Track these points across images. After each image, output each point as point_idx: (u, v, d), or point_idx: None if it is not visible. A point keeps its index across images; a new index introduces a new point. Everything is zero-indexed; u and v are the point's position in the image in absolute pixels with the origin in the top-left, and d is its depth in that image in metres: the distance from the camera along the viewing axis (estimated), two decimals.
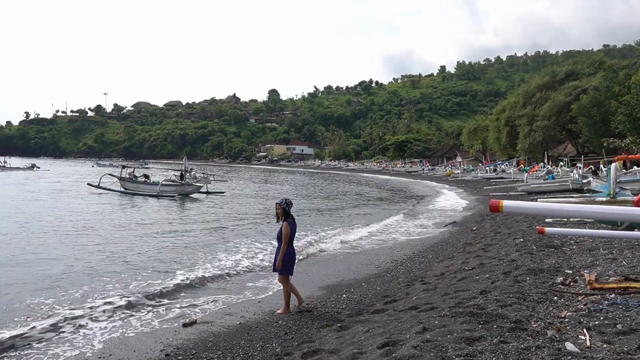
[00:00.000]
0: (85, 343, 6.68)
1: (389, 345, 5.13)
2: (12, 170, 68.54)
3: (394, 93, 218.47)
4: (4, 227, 17.01)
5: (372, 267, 11.66)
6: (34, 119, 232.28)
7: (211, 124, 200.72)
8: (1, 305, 8.22)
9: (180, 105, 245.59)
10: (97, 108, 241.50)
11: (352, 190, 45.35)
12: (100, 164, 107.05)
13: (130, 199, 30.50)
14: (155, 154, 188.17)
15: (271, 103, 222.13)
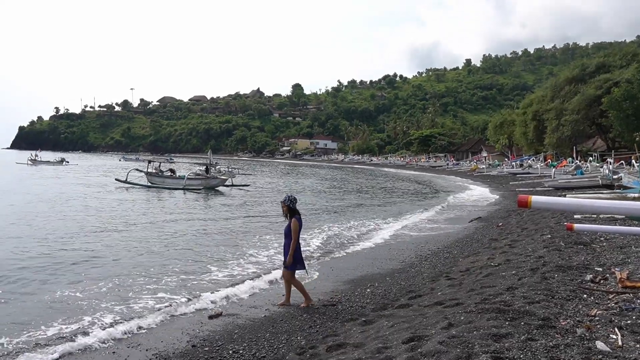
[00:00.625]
0: (113, 332, 6.82)
1: (414, 340, 5.11)
2: (43, 164, 70.32)
3: (418, 87, 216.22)
4: (40, 224, 17.37)
5: (396, 262, 11.62)
6: (63, 114, 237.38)
7: (235, 119, 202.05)
8: (36, 296, 8.47)
9: (205, 99, 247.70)
10: (124, 103, 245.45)
11: (376, 185, 45.16)
12: (126, 158, 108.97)
13: (157, 192, 31.00)
14: (180, 148, 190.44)
15: (295, 97, 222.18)
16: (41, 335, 6.62)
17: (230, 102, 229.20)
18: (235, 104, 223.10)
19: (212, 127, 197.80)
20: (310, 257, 12.17)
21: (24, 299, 8.32)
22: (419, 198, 31.90)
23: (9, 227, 15.95)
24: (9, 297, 8.34)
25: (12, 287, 8.95)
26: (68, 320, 7.17)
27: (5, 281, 9.32)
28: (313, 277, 9.87)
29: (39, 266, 10.57)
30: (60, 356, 5.98)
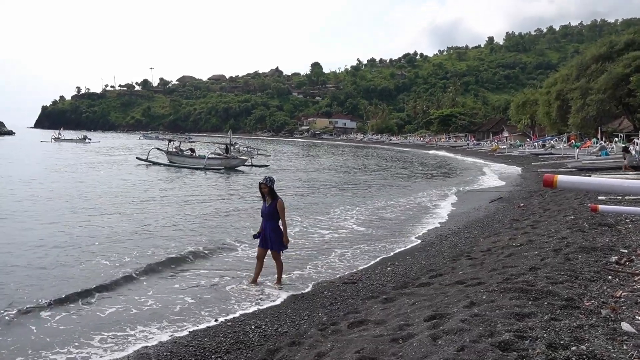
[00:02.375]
0: (139, 300, 6.99)
1: (436, 318, 5.13)
2: (66, 142, 71.53)
3: (439, 66, 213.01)
4: (69, 200, 17.80)
5: (417, 240, 11.63)
6: (85, 93, 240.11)
7: (254, 98, 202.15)
8: (79, 258, 8.72)
9: (224, 79, 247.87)
10: (143, 82, 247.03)
11: (395, 165, 44.94)
12: (147, 136, 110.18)
13: (178, 171, 31.33)
14: (199, 127, 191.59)
15: (314, 76, 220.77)
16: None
17: (249, 81, 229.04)
18: (254, 83, 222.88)
19: (231, 106, 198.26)
20: (324, 237, 12.28)
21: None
22: (438, 178, 31.67)
23: (55, 204, 16.47)
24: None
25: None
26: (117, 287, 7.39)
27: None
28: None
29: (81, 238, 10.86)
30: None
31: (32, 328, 6.15)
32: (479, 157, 55.54)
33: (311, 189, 23.90)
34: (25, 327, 6.18)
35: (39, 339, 5.82)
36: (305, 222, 14.57)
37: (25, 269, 8.57)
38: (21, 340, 5.77)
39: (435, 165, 45.61)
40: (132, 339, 5.90)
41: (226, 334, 5.84)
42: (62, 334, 5.97)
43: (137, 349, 5.60)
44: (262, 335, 5.78)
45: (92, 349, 5.65)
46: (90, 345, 5.73)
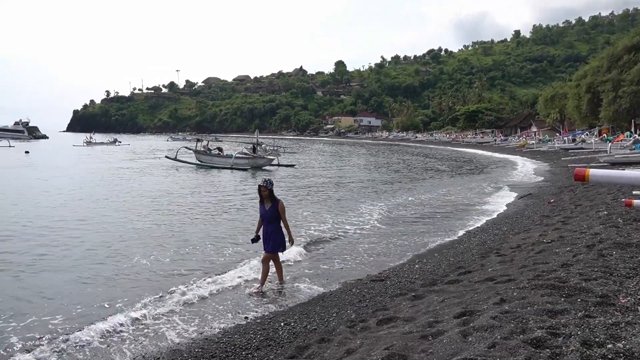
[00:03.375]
0: (176, 303, 7.14)
1: (466, 315, 5.08)
2: (98, 145, 73.19)
3: (464, 61, 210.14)
4: (106, 202, 18.22)
5: (444, 237, 11.54)
6: (114, 97, 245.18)
7: (279, 97, 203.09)
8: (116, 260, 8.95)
9: (249, 79, 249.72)
10: (170, 85, 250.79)
11: (423, 162, 44.57)
12: (174, 138, 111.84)
13: (206, 171, 31.74)
14: (225, 127, 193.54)
15: (338, 75, 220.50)
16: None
17: (274, 81, 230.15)
18: (279, 82, 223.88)
19: (256, 107, 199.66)
20: (353, 234, 12.30)
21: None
22: (465, 174, 31.28)
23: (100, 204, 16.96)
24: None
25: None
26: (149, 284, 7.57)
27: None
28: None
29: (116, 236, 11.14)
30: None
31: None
32: (506, 153, 54.67)
33: (339, 186, 24.01)
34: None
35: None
36: (333, 218, 14.69)
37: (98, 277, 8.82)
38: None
39: (462, 161, 45.06)
40: (164, 335, 6.02)
41: (256, 331, 5.91)
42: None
43: (170, 345, 5.71)
44: (291, 333, 5.83)
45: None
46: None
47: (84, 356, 5.51)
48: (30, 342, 5.82)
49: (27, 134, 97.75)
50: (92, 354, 5.55)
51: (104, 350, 5.63)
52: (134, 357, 5.38)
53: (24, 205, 16.77)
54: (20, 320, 6.44)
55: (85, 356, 5.51)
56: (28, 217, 14.21)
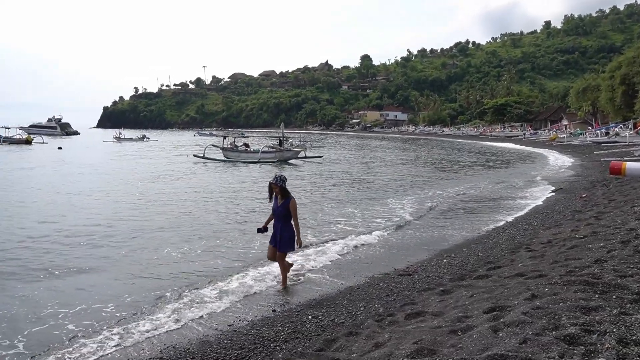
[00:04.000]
0: (205, 295, 7.25)
1: (496, 310, 5.01)
2: (127, 142, 74.58)
3: (492, 53, 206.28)
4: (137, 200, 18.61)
5: (472, 232, 11.40)
6: (142, 93, 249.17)
7: (304, 92, 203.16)
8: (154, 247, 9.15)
9: (274, 74, 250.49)
10: (197, 81, 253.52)
11: (450, 156, 44.06)
12: (201, 133, 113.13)
13: (234, 166, 32.05)
14: (251, 123, 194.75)
15: (363, 69, 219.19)
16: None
17: (299, 75, 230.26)
18: (304, 77, 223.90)
19: (282, 102, 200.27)
20: (379, 228, 12.26)
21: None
22: (494, 167, 30.79)
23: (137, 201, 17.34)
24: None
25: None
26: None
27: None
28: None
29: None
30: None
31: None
32: (536, 147, 53.60)
33: (366, 180, 23.99)
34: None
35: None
36: (360, 212, 14.76)
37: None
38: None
39: (490, 155, 44.35)
40: (193, 327, 6.12)
41: (284, 324, 5.95)
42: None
43: (199, 336, 5.79)
44: (319, 326, 5.85)
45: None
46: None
47: (118, 344, 5.64)
48: (85, 329, 6.07)
49: (60, 130, 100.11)
50: (124, 343, 5.68)
51: (134, 341, 5.75)
52: (164, 348, 5.48)
53: (69, 201, 17.26)
54: (72, 309, 6.70)
55: (119, 345, 5.64)
56: (79, 212, 14.65)
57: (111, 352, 5.45)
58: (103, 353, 5.43)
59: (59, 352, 5.47)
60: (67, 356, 5.39)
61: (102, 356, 5.36)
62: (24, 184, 21.54)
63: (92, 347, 5.56)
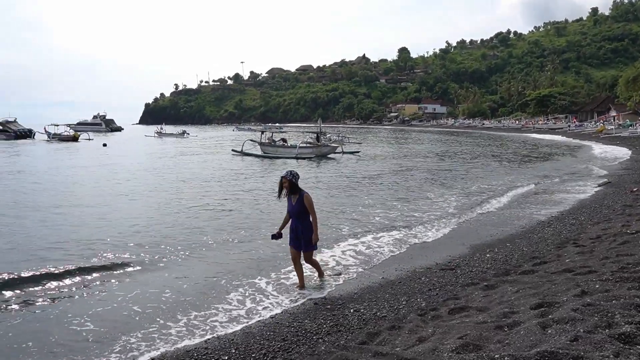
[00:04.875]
0: (247, 286, 7.36)
1: (544, 306, 4.88)
2: (168, 137, 76.36)
3: (535, 43, 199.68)
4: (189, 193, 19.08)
5: (516, 227, 11.12)
6: (182, 89, 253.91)
7: (342, 86, 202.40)
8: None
9: (312, 69, 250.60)
10: (235, 76, 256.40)
11: (492, 149, 43.10)
12: (239, 128, 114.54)
13: (271, 161, 32.31)
14: (289, 117, 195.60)
15: (401, 62, 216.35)
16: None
17: (336, 70, 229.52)
18: (342, 71, 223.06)
19: (319, 96, 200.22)
20: (420, 222, 12.13)
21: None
22: (537, 161, 29.92)
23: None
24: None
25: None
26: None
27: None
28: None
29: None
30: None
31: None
32: (582, 139, 51.82)
33: (405, 174, 23.81)
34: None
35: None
36: (400, 205, 14.73)
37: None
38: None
39: (533, 147, 43.10)
40: (236, 317, 6.22)
41: (325, 317, 5.97)
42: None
43: (242, 327, 5.88)
44: (361, 319, 5.84)
45: (202, 323, 6.01)
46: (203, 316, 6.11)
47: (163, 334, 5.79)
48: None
49: (105, 126, 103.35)
50: (168, 332, 5.83)
51: (177, 330, 5.88)
52: (208, 339, 5.59)
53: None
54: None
55: (171, 332, 5.79)
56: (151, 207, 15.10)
57: (158, 342, 5.58)
58: (151, 337, 5.58)
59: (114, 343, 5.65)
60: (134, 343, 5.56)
61: (150, 345, 5.50)
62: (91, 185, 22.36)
63: (140, 336, 5.73)
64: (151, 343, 5.52)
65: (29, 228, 11.72)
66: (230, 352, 5.14)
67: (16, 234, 11.06)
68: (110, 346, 5.46)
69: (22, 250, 9.64)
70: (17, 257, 9.03)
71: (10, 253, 9.44)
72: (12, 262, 8.65)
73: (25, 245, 10.04)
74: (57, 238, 10.58)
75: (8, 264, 8.47)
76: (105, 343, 5.54)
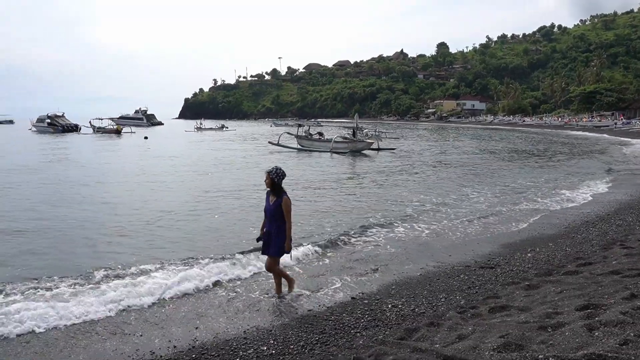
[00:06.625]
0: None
1: (590, 308, 4.75)
2: (207, 131, 77.67)
3: (580, 37, 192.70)
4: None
5: (559, 227, 10.80)
6: (220, 85, 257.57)
7: (379, 82, 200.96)
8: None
9: (349, 64, 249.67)
10: (272, 72, 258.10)
11: (533, 146, 41.96)
12: (276, 123, 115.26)
13: (307, 155, 32.44)
14: (325, 113, 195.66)
15: (440, 57, 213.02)
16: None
17: (374, 65, 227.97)
18: (379, 67, 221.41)
19: (356, 92, 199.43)
20: (457, 218, 11.96)
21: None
22: (582, 158, 28.94)
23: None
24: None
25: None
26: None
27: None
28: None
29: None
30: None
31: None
32: (630, 137, 49.83)
33: (441, 170, 23.50)
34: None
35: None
36: (435, 200, 14.66)
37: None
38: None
39: (577, 145, 41.71)
40: (273, 310, 6.29)
41: (363, 312, 5.97)
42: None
43: (280, 319, 5.94)
44: (399, 315, 5.81)
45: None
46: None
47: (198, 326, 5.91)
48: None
49: (146, 121, 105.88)
50: (203, 325, 5.94)
51: (214, 322, 6.00)
52: (247, 329, 5.66)
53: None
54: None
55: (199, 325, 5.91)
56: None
57: (196, 332, 5.70)
58: (193, 325, 5.71)
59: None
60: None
61: (190, 333, 5.62)
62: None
63: (179, 325, 5.86)
64: (191, 332, 5.64)
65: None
66: (269, 342, 5.21)
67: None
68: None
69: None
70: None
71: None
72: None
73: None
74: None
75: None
76: (165, 328, 5.72)
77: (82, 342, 5.41)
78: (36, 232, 10.52)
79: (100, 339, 5.46)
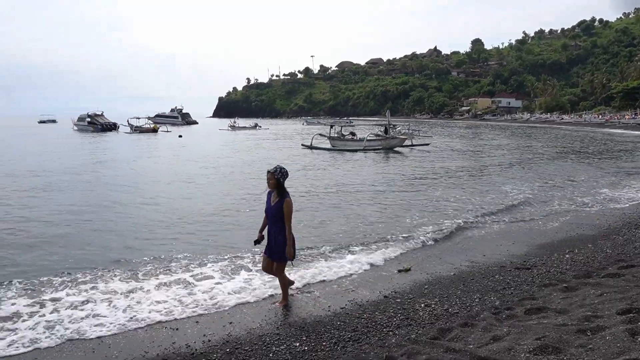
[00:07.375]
0: (315, 275, 7.46)
1: (633, 312, 4.60)
2: (241, 130, 78.58)
3: (623, 31, 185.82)
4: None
5: (599, 228, 10.48)
6: (253, 84, 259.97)
7: (412, 80, 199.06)
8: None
9: (381, 62, 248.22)
10: (305, 70, 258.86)
11: (574, 145, 40.80)
12: (309, 122, 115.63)
13: (340, 154, 32.43)
14: (358, 111, 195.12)
15: (474, 54, 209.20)
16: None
17: (407, 63, 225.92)
18: (412, 64, 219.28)
19: (389, 90, 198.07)
20: (494, 218, 11.75)
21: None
22: (623, 159, 27.95)
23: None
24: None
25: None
26: None
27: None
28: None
29: None
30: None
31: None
32: None
33: (477, 169, 23.14)
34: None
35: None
36: (471, 197, 14.56)
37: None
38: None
39: (620, 144, 40.31)
40: (305, 307, 6.32)
41: (396, 310, 5.95)
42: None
43: (312, 316, 5.97)
44: (432, 315, 5.76)
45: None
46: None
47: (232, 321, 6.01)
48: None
49: (181, 119, 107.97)
50: (239, 321, 6.03)
51: (252, 317, 6.07)
52: (280, 325, 5.72)
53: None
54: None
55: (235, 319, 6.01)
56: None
57: (229, 327, 5.79)
58: (228, 320, 5.81)
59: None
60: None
61: (224, 328, 5.72)
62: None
63: (214, 320, 5.97)
64: (225, 327, 5.73)
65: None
66: (301, 339, 5.25)
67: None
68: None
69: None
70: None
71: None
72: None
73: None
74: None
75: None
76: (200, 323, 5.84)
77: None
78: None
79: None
